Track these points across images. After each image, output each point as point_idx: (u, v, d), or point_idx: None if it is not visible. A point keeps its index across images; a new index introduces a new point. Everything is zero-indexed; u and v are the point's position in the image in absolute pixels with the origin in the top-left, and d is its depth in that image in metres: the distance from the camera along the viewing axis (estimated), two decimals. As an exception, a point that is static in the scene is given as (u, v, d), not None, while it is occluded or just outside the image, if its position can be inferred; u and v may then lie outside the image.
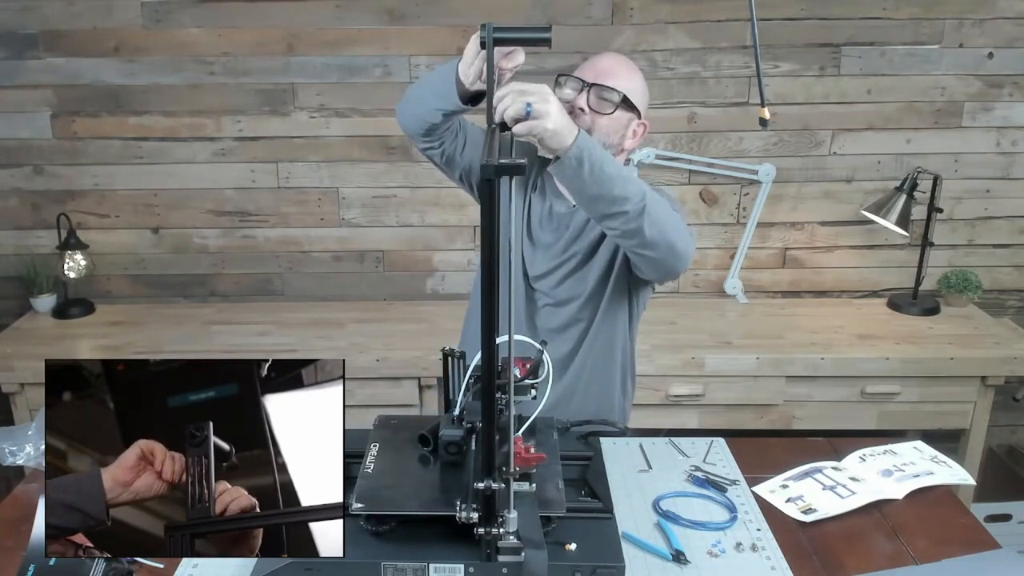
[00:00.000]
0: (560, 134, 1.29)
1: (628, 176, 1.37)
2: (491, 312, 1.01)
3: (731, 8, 2.51)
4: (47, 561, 1.11)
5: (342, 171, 2.65)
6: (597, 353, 1.66)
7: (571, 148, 1.30)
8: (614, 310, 1.65)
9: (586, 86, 1.55)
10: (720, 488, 1.39)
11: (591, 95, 1.54)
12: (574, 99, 1.54)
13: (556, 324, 1.65)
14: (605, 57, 1.60)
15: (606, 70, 1.56)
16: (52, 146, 2.60)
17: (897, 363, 2.33)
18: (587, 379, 1.66)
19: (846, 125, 2.62)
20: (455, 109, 1.42)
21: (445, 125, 1.51)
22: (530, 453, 1.15)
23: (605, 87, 1.54)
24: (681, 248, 1.46)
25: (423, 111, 1.47)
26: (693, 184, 2.66)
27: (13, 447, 1.44)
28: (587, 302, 1.63)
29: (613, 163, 1.36)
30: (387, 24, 2.52)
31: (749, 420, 2.39)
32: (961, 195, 2.68)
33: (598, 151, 1.34)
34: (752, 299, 2.74)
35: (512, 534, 1.08)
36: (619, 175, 1.35)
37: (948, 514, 1.37)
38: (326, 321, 2.58)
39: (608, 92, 1.54)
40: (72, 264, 2.55)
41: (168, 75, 2.55)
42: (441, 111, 1.44)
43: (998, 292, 2.78)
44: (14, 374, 2.29)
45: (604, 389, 1.69)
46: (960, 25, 2.53)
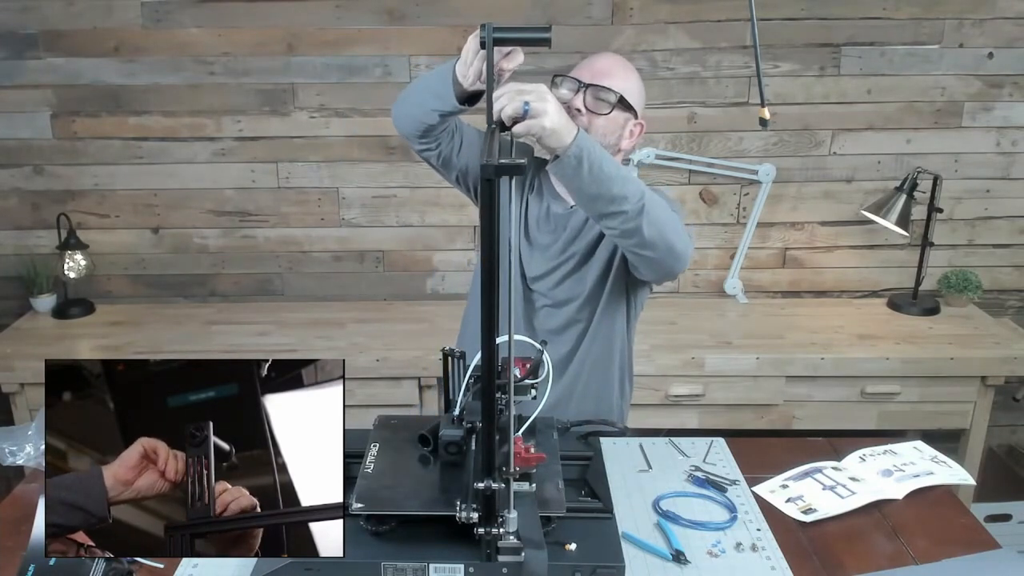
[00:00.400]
0: (559, 132, 1.29)
1: (627, 176, 1.37)
2: (491, 312, 1.01)
3: (731, 8, 2.51)
4: (47, 561, 1.11)
5: (342, 171, 2.65)
6: (595, 354, 1.66)
7: (570, 147, 1.30)
8: (612, 311, 1.65)
9: (582, 86, 1.54)
10: (720, 488, 1.39)
11: (587, 95, 1.54)
12: (571, 100, 1.54)
13: (554, 325, 1.65)
14: (601, 57, 1.60)
15: (602, 70, 1.56)
16: (52, 146, 2.60)
17: (897, 363, 2.33)
18: (585, 380, 1.66)
19: (846, 125, 2.62)
20: (452, 110, 1.42)
21: (442, 126, 1.51)
22: (530, 453, 1.15)
23: (601, 87, 1.54)
24: (679, 248, 1.46)
25: (419, 112, 1.47)
26: (693, 184, 2.66)
27: (13, 447, 1.44)
28: (585, 303, 1.63)
29: (612, 162, 1.36)
30: (387, 24, 2.52)
31: (749, 420, 2.39)
32: (961, 195, 2.68)
33: (597, 150, 1.34)
34: (752, 299, 2.74)
35: (512, 534, 1.08)
36: (618, 174, 1.35)
37: (948, 514, 1.37)
38: (326, 321, 2.58)
39: (604, 92, 1.54)
40: (72, 264, 2.55)
41: (168, 75, 2.55)
42: (438, 112, 1.44)
43: (998, 292, 2.78)
44: (14, 374, 2.29)
45: (602, 390, 1.69)
46: (960, 25, 2.53)
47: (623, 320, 1.67)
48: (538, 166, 1.69)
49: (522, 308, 1.65)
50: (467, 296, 1.86)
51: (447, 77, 1.38)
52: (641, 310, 1.72)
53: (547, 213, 1.65)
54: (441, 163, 1.59)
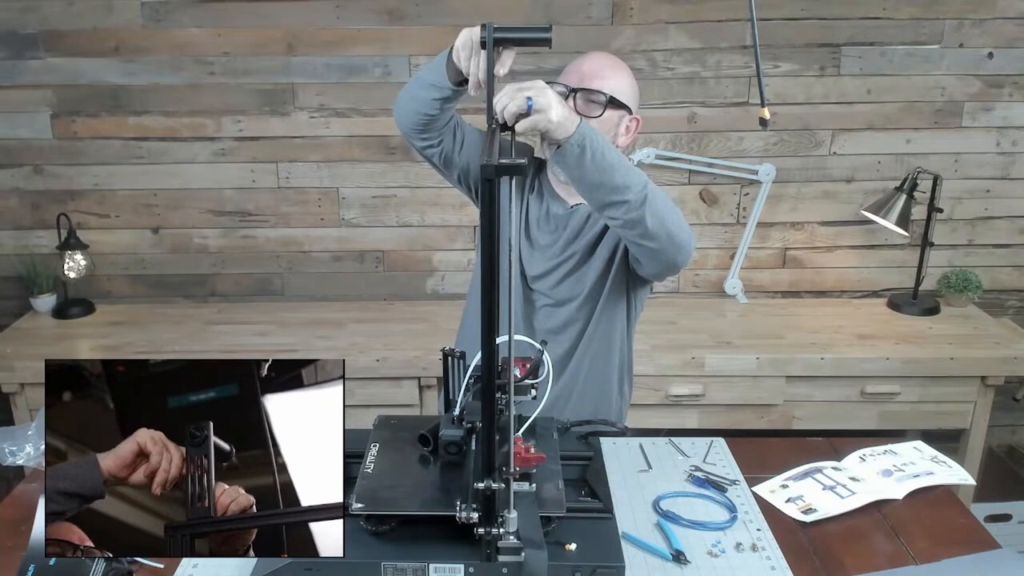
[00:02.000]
0: (564, 124, 1.30)
1: (629, 165, 1.38)
2: (491, 312, 1.01)
3: (731, 8, 2.51)
4: (47, 561, 1.11)
5: (342, 171, 2.65)
6: (594, 353, 1.66)
7: (572, 135, 1.31)
8: (612, 310, 1.65)
9: (571, 91, 1.55)
10: (720, 488, 1.39)
11: (577, 100, 1.55)
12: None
13: (554, 324, 1.65)
14: (588, 59, 1.59)
15: (590, 72, 1.56)
16: (52, 146, 2.60)
17: (897, 363, 2.33)
18: (584, 380, 1.66)
19: (846, 125, 2.62)
20: (449, 93, 1.42)
21: (443, 119, 1.51)
22: (530, 453, 1.15)
23: (591, 91, 1.54)
24: (682, 239, 1.46)
25: (418, 104, 1.48)
26: (693, 184, 2.66)
27: (13, 447, 1.44)
28: (585, 302, 1.63)
29: (614, 151, 1.36)
30: (387, 24, 2.52)
31: (749, 420, 2.39)
32: (961, 195, 2.68)
33: (599, 139, 1.34)
34: (752, 299, 2.74)
35: (512, 534, 1.08)
36: (620, 163, 1.35)
37: (948, 514, 1.37)
38: (326, 321, 2.58)
39: (594, 95, 1.54)
40: (72, 264, 2.55)
41: (168, 75, 2.55)
42: (435, 99, 1.45)
43: (998, 292, 2.78)
44: (14, 374, 2.29)
45: (601, 390, 1.69)
46: (960, 25, 2.53)
47: (623, 320, 1.67)
48: (538, 167, 1.69)
49: (522, 308, 1.65)
50: (466, 296, 1.86)
51: (440, 63, 1.40)
52: (641, 310, 1.72)
53: (547, 213, 1.65)
54: (443, 162, 1.59)
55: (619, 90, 1.56)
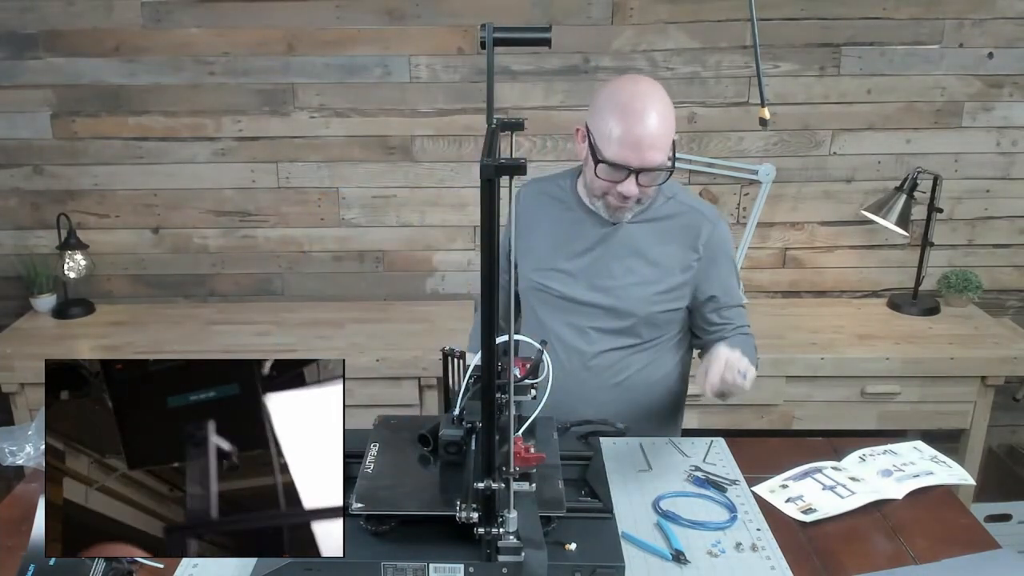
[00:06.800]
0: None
1: (753, 351, 1.59)
2: (491, 312, 1.01)
3: (731, 8, 2.51)
4: (47, 561, 1.11)
5: (342, 171, 2.65)
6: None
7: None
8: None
9: (632, 172, 1.47)
10: (720, 488, 1.39)
11: (640, 179, 1.48)
12: (616, 188, 1.49)
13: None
14: (644, 130, 1.44)
15: (649, 146, 1.45)
16: (52, 146, 2.60)
17: (897, 363, 2.33)
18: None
19: (846, 125, 2.62)
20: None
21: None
22: (530, 453, 1.15)
23: (654, 170, 1.48)
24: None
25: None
26: (693, 184, 2.66)
27: (13, 447, 1.44)
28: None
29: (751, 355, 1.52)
30: (387, 24, 2.52)
31: (749, 420, 2.39)
32: (961, 195, 2.68)
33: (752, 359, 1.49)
34: (752, 299, 2.74)
35: (512, 534, 1.08)
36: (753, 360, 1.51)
37: (948, 514, 1.37)
38: (326, 321, 2.58)
39: (656, 174, 1.49)
40: (72, 264, 2.55)
41: (168, 75, 2.55)
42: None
43: (998, 292, 2.78)
44: (14, 374, 2.29)
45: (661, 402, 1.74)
46: (960, 25, 2.53)
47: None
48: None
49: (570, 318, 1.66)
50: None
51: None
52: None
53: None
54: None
55: (672, 142, 1.48)
